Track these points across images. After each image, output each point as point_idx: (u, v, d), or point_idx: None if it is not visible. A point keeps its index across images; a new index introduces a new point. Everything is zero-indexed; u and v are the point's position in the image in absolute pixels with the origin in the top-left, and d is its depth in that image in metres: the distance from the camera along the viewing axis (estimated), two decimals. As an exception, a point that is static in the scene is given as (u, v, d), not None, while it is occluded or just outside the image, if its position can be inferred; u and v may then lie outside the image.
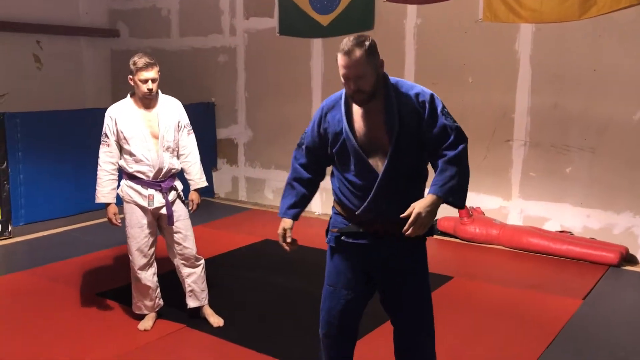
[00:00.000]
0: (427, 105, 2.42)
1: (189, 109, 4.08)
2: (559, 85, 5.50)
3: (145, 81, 3.61)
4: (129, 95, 3.78)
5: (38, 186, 6.12)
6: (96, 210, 6.56)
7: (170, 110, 3.78)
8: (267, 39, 7.10)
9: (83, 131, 6.52)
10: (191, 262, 3.88)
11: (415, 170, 2.51)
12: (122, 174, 3.81)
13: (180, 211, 3.82)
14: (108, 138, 3.74)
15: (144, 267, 3.81)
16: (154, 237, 3.86)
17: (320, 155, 2.65)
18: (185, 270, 3.88)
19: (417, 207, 2.37)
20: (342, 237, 2.56)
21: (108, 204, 3.77)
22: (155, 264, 3.92)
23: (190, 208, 3.88)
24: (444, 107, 2.47)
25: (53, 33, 8.06)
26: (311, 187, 2.76)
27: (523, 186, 5.80)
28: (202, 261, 3.96)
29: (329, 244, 2.64)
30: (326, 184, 2.77)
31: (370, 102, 2.44)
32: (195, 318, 3.95)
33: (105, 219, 3.87)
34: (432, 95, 2.48)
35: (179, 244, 3.82)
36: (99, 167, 3.78)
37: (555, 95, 5.54)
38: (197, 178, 3.90)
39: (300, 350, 3.54)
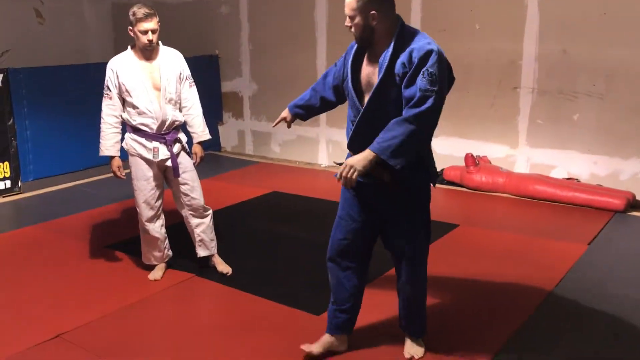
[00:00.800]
0: (415, 61, 2.46)
1: (192, 61, 4.04)
2: (568, 31, 5.40)
3: (145, 32, 3.56)
4: (129, 47, 3.74)
5: (45, 142, 6.14)
6: (103, 165, 6.61)
7: (172, 62, 3.75)
8: (270, -12, 6.98)
9: (87, 85, 6.50)
10: (199, 213, 3.92)
11: (396, 116, 2.52)
12: (126, 127, 3.80)
13: (185, 163, 3.83)
14: (110, 91, 3.72)
15: (152, 219, 3.85)
16: (161, 189, 3.88)
17: (338, 83, 2.88)
18: (193, 221, 3.92)
19: (351, 159, 2.53)
20: None
21: (112, 157, 3.78)
22: (162, 215, 3.95)
23: (194, 161, 3.89)
24: (432, 71, 2.44)
25: (53, -13, 7.96)
26: (322, 103, 3.00)
27: (530, 134, 5.76)
28: (210, 211, 3.99)
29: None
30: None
31: (369, 45, 2.62)
32: (204, 267, 4.02)
33: (111, 173, 3.89)
34: (427, 53, 2.47)
35: (187, 195, 3.85)
36: (102, 120, 3.77)
37: (563, 41, 5.44)
38: (200, 131, 3.89)
39: (307, 295, 3.60)
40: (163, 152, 3.74)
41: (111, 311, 3.46)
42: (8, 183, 5.85)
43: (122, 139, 3.83)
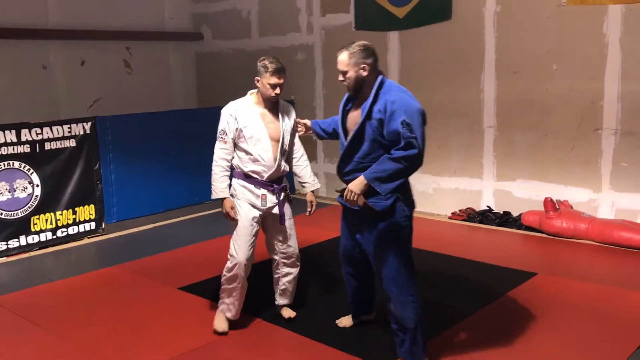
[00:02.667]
0: (389, 111, 3.01)
1: (270, 106, 4.09)
2: (653, 69, 5.15)
3: (274, 86, 3.63)
4: (249, 94, 3.81)
5: (128, 185, 6.44)
6: (182, 207, 6.85)
7: (289, 114, 3.83)
8: (344, 34, 7.09)
9: (169, 131, 6.82)
10: (292, 262, 3.93)
11: (372, 154, 3.10)
12: (234, 172, 3.83)
13: (287, 211, 3.86)
14: (226, 135, 3.74)
15: (248, 261, 3.75)
16: (257, 236, 3.84)
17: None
18: (284, 269, 3.93)
19: (350, 185, 3.12)
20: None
21: (224, 199, 3.78)
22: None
23: (309, 209, 3.94)
24: (407, 121, 2.97)
25: (141, 39, 8.46)
26: (332, 132, 3.64)
27: (614, 177, 5.47)
28: (299, 264, 3.99)
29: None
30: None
31: (358, 94, 3.21)
32: (266, 309, 4.02)
33: (190, 216, 3.91)
34: (403, 107, 3.01)
35: (284, 242, 3.86)
36: (214, 163, 3.79)
37: (648, 80, 5.18)
38: (312, 180, 3.99)
39: (373, 345, 3.51)
40: (270, 200, 3.75)
41: (182, 353, 3.51)
42: (93, 225, 6.15)
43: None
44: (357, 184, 3.08)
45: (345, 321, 3.81)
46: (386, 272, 3.19)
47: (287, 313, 3.94)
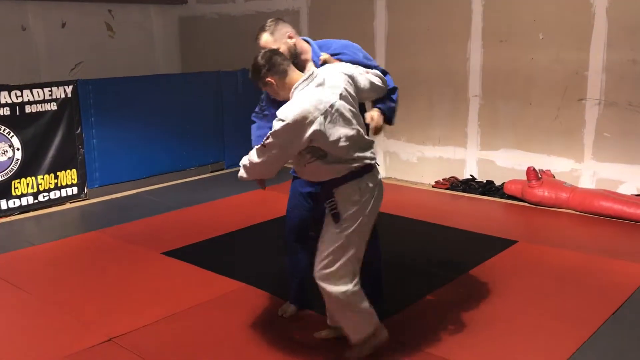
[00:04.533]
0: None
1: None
2: (638, 39, 5.15)
3: None
4: None
5: (110, 150, 6.37)
6: (166, 173, 6.80)
7: None
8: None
9: (152, 96, 6.73)
10: None
11: None
12: None
13: None
14: None
15: None
16: None
17: None
18: None
19: (374, 113, 3.04)
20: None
21: None
22: None
23: None
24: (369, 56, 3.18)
25: (124, 1, 8.28)
26: None
27: (596, 147, 5.52)
28: None
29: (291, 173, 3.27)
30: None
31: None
32: (252, 273, 4.04)
33: (172, 182, 3.90)
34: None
35: None
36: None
37: (633, 50, 5.19)
38: None
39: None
40: None
41: (163, 317, 3.52)
42: (75, 189, 6.10)
43: None
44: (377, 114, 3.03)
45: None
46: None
47: None
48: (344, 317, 2.92)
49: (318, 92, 2.69)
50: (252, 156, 2.79)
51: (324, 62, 2.99)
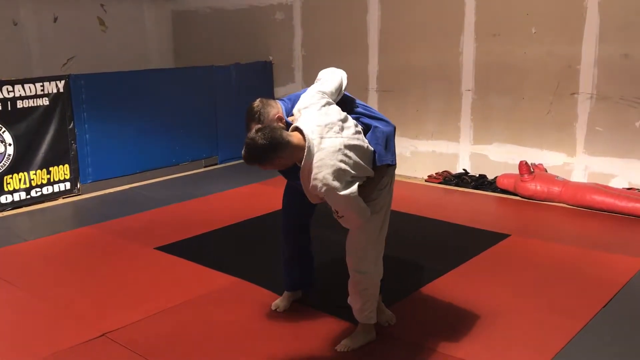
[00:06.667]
0: None
1: (247, 67, 4.03)
2: (630, 34, 5.17)
3: None
4: None
5: (103, 145, 6.35)
6: (159, 169, 6.79)
7: None
8: (323, -6, 7.01)
9: (145, 91, 6.71)
10: None
11: None
12: None
13: None
14: None
15: None
16: None
17: None
18: None
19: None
20: None
21: None
22: None
23: None
24: None
25: (116, -5, 8.25)
26: None
27: (588, 141, 5.54)
28: None
29: None
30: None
31: None
32: (246, 269, 4.05)
33: (166, 177, 3.89)
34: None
35: None
36: None
37: (625, 45, 5.21)
38: None
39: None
40: None
41: (157, 312, 3.52)
42: (68, 185, 6.09)
43: None
44: None
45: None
46: None
47: None
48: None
49: (322, 154, 2.70)
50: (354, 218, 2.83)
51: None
